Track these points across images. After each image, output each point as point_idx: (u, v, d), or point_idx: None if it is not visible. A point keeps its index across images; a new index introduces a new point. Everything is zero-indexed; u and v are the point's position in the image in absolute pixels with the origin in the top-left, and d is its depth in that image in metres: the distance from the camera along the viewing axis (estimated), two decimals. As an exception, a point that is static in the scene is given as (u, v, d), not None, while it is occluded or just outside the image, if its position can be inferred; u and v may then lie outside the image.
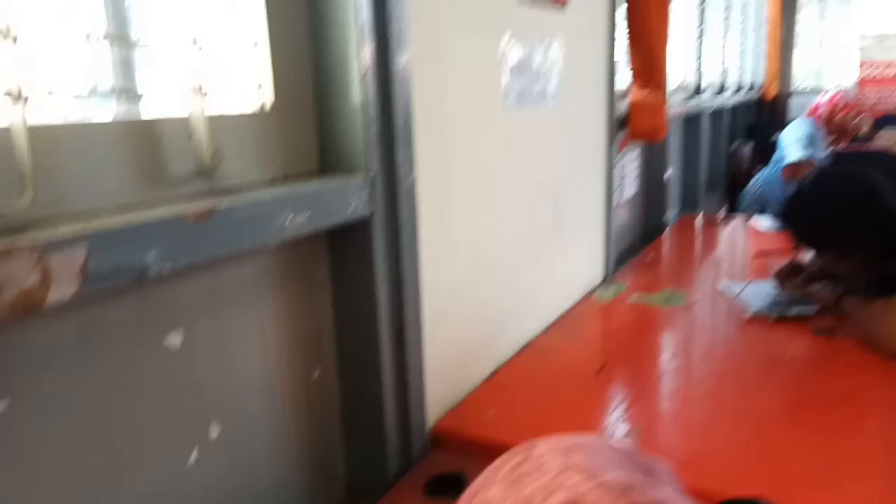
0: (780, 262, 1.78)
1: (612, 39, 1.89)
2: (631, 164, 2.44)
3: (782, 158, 2.68)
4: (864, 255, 1.54)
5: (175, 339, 0.76)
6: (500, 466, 0.47)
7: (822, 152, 2.72)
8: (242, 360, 0.87)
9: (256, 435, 0.90)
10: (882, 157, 3.46)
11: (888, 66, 4.76)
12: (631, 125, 2.12)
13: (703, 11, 3.26)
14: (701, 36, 3.26)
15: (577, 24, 1.66)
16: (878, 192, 1.54)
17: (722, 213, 2.85)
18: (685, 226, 2.74)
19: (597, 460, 0.44)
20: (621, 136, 2.11)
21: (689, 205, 3.22)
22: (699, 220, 2.80)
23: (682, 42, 3.21)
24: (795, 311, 1.61)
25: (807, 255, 1.76)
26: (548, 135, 1.59)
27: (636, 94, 2.11)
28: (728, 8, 4.03)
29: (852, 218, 1.51)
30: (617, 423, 1.15)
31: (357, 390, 1.02)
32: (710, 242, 2.50)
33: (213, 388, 0.83)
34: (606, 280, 1.99)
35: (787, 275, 1.72)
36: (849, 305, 1.51)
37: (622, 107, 2.08)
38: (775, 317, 1.60)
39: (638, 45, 2.07)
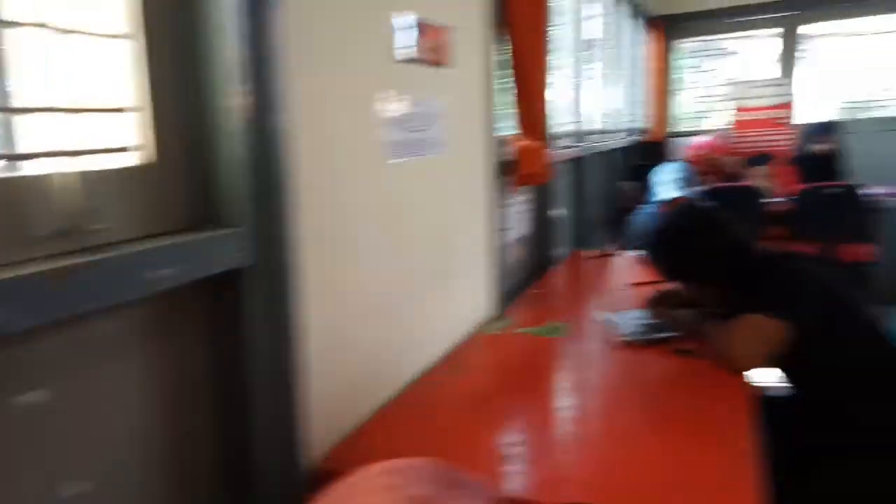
0: (653, 292, 1.96)
1: (490, 93, 2.05)
2: (522, 205, 2.60)
3: (656, 196, 2.93)
4: (717, 283, 1.73)
5: (36, 396, 0.78)
6: (331, 490, 0.54)
7: (694, 190, 2.99)
8: (113, 413, 0.89)
9: (128, 489, 0.91)
10: (748, 192, 3.84)
11: (757, 110, 5.24)
12: (517, 170, 2.28)
13: (578, 64, 3.54)
14: (578, 87, 3.53)
15: (459, 79, 1.80)
16: (723, 226, 1.74)
17: (609, 248, 3.06)
18: (574, 261, 2.93)
19: (409, 478, 0.51)
20: (510, 180, 2.26)
21: (580, 241, 3.43)
22: (587, 255, 2.99)
23: (569, 91, 3.47)
24: (662, 335, 1.77)
25: (675, 285, 1.95)
26: (434, 181, 1.70)
27: (520, 142, 2.28)
28: (612, 59, 4.38)
29: (699, 251, 1.70)
30: (500, 447, 1.24)
31: (235, 437, 1.05)
32: (594, 276, 2.68)
33: (81, 444, 0.84)
34: (496, 315, 2.11)
35: (657, 302, 1.90)
36: (705, 329, 1.69)
37: (508, 153, 2.24)
38: (645, 341, 1.76)
39: (520, 98, 2.24)
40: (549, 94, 2.40)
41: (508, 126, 2.27)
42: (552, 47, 2.45)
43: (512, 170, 2.27)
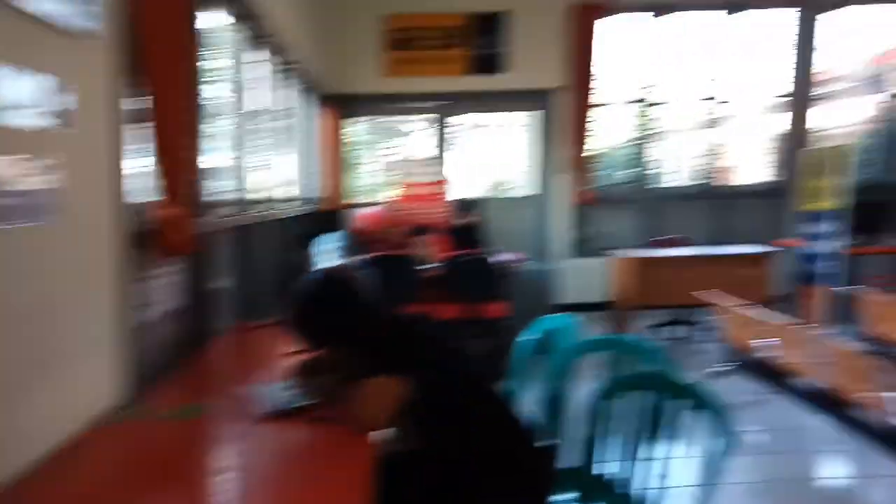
0: (300, 360, 1.97)
1: (119, 156, 1.89)
2: (172, 276, 2.42)
3: (318, 265, 3.03)
4: (354, 349, 1.82)
5: None
6: None
7: (354, 259, 3.17)
8: None
9: None
10: (408, 260, 4.23)
11: (422, 185, 5.83)
12: (161, 240, 2.13)
13: (244, 132, 3.54)
14: (244, 156, 3.53)
15: (75, 140, 1.62)
16: (361, 294, 1.86)
17: (272, 318, 3.03)
18: (238, 333, 2.82)
19: None
20: (153, 250, 2.10)
21: (247, 312, 3.34)
22: (251, 326, 2.92)
23: (234, 159, 3.43)
24: (305, 403, 1.78)
25: (320, 352, 1.99)
26: (37, 254, 1.47)
27: (164, 210, 2.14)
28: (286, 131, 4.49)
29: (337, 318, 1.78)
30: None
31: None
32: (254, 348, 2.62)
33: None
34: (127, 401, 1.89)
35: (303, 371, 1.91)
36: (341, 393, 1.75)
37: (150, 221, 2.08)
38: (288, 411, 1.75)
39: (164, 163, 2.12)
40: (204, 160, 2.33)
41: (150, 192, 2.12)
42: (214, 113, 2.40)
43: (155, 239, 2.11)
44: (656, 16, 6.34)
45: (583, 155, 6.21)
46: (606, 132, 6.65)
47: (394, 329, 1.81)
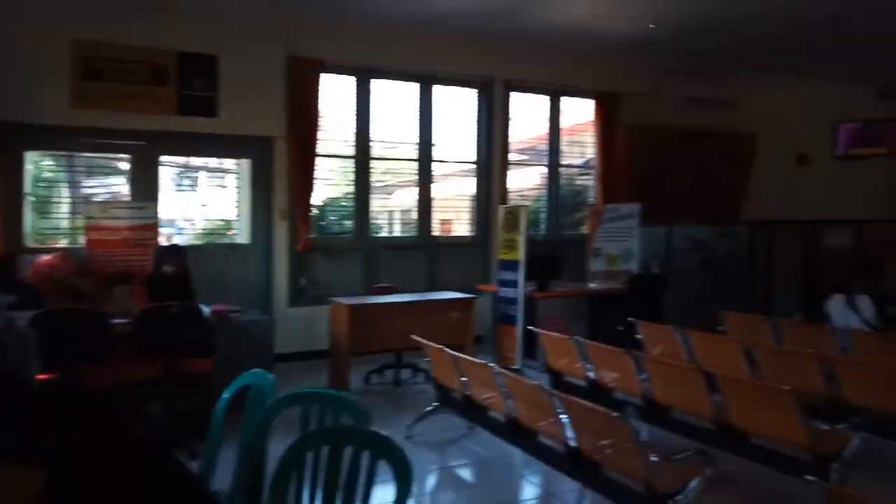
0: None
1: None
2: None
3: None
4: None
5: None
6: None
7: (21, 315, 2.62)
8: None
9: None
10: (93, 313, 3.67)
11: (113, 230, 5.15)
12: None
13: None
14: None
15: None
16: None
17: None
18: None
19: None
20: None
21: None
22: None
23: None
24: None
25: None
26: None
27: None
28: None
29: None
30: None
31: None
32: None
33: None
34: None
35: None
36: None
37: None
38: None
39: None
40: None
41: None
42: None
43: None
44: (359, 80, 6.63)
45: (304, 204, 6.18)
46: (328, 182, 6.75)
47: (32, 405, 1.49)
